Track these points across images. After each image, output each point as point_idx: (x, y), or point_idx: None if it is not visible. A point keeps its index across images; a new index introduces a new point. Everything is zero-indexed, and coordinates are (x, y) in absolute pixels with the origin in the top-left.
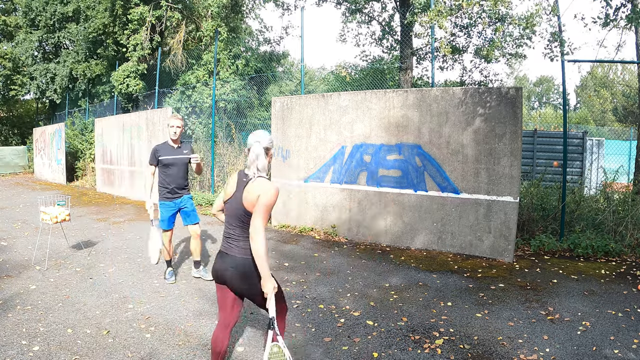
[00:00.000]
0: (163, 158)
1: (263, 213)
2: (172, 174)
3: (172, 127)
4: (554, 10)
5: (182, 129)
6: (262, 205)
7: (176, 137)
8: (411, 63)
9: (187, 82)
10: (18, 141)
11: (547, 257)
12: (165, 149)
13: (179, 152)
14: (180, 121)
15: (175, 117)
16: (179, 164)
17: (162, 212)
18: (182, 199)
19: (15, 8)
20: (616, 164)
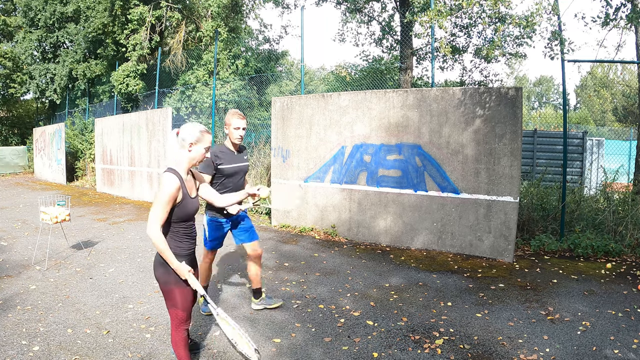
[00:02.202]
0: (225, 167)
1: (154, 205)
2: (233, 186)
3: (236, 129)
4: (554, 9)
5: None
6: (155, 197)
7: (241, 141)
8: (411, 63)
9: (187, 82)
10: (18, 141)
11: (547, 257)
12: (227, 155)
13: (241, 159)
14: (244, 121)
15: (240, 116)
16: (241, 173)
17: (211, 231)
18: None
19: (15, 8)
20: (616, 164)
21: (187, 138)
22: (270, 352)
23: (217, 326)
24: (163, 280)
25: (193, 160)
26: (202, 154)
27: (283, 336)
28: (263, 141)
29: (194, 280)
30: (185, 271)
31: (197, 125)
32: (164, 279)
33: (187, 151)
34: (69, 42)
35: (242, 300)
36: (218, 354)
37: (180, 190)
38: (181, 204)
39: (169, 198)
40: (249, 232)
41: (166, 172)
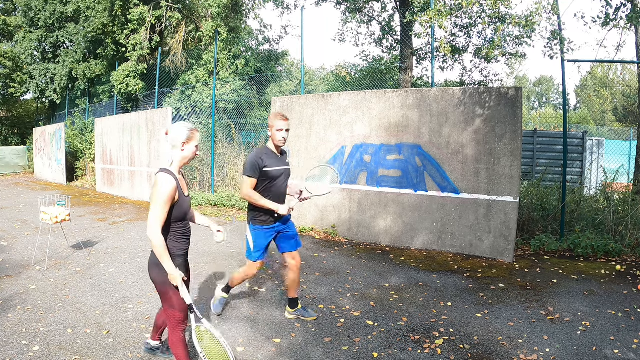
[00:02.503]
0: (271, 169)
1: (152, 206)
2: (277, 190)
3: (279, 131)
4: (554, 8)
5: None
6: (152, 198)
7: (284, 143)
8: (411, 63)
9: (187, 82)
10: (18, 141)
11: (547, 257)
12: (271, 158)
13: (283, 162)
14: (287, 122)
15: (283, 118)
16: (285, 176)
17: (257, 241)
18: (282, 220)
19: (15, 8)
20: (616, 164)
21: (178, 137)
22: (270, 352)
23: (221, 324)
24: (159, 280)
25: (185, 159)
26: (193, 152)
27: (283, 336)
28: (263, 141)
29: (184, 289)
30: (179, 279)
31: (186, 124)
32: (161, 280)
33: (180, 150)
34: (69, 42)
35: (242, 301)
36: None
37: (177, 190)
38: (178, 203)
39: (167, 198)
40: (294, 240)
41: (161, 173)
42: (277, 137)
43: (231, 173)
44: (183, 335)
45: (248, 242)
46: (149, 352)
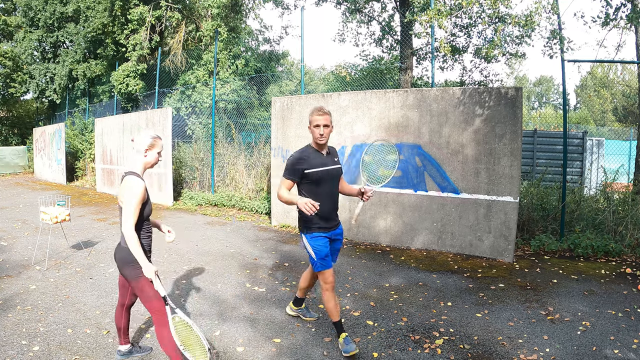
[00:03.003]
0: (311, 171)
1: (127, 207)
2: (324, 192)
3: (316, 127)
4: (553, 8)
5: (331, 129)
6: (125, 199)
7: (324, 141)
8: (411, 63)
9: (187, 82)
10: (18, 141)
11: (547, 257)
12: (312, 158)
13: (330, 161)
14: (327, 117)
15: (319, 112)
16: (332, 177)
17: (317, 247)
18: (338, 228)
19: (15, 8)
20: (616, 164)
21: (142, 144)
22: (270, 352)
23: (221, 324)
24: (132, 275)
25: (148, 164)
26: (155, 158)
27: (283, 336)
28: (263, 141)
29: (158, 282)
30: (152, 271)
31: (150, 132)
32: (133, 274)
33: (142, 156)
34: (69, 42)
35: (241, 301)
36: (218, 354)
37: (146, 192)
38: (147, 204)
39: (140, 199)
40: (334, 254)
41: (132, 176)
42: (315, 135)
43: (231, 173)
44: (169, 330)
45: (310, 254)
46: (123, 357)
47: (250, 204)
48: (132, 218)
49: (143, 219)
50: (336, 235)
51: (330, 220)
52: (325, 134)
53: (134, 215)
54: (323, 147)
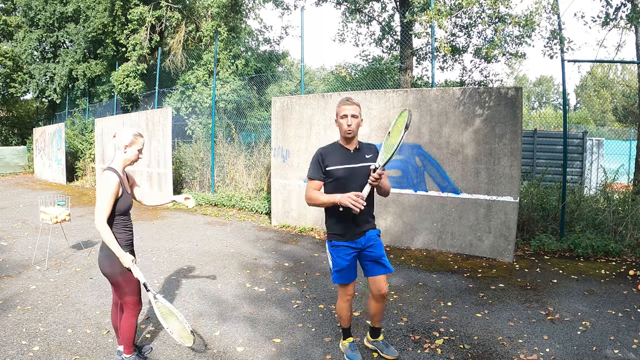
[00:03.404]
0: (333, 168)
1: (99, 200)
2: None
3: (343, 118)
4: (553, 8)
5: (360, 121)
6: (98, 193)
7: (351, 134)
8: (411, 63)
9: (187, 82)
10: (18, 141)
11: (547, 257)
12: (336, 154)
13: (358, 158)
14: (354, 107)
15: (346, 102)
16: (359, 176)
17: (335, 258)
18: (367, 236)
19: (15, 8)
20: (616, 164)
21: (122, 141)
22: (270, 352)
23: (221, 324)
24: (110, 272)
25: (128, 161)
26: (135, 155)
27: (283, 336)
28: (263, 141)
29: (136, 268)
30: (129, 260)
31: (132, 129)
32: (111, 271)
33: (122, 152)
34: (69, 42)
35: (241, 301)
36: (218, 354)
37: (120, 186)
38: (121, 199)
39: (112, 193)
40: (379, 263)
41: (107, 171)
42: (342, 127)
43: (231, 173)
44: (137, 319)
45: (328, 264)
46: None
47: (250, 204)
48: (103, 212)
49: (116, 214)
50: (367, 243)
51: (356, 227)
52: (353, 126)
53: (105, 209)
54: (351, 141)
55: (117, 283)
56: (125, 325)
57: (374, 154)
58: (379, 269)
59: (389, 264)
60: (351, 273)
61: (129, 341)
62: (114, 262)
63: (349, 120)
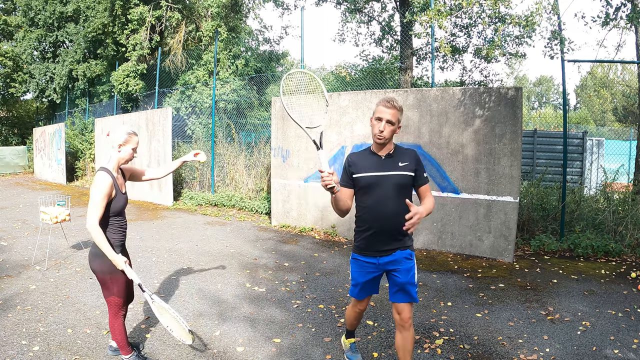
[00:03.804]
0: (359, 176)
1: (92, 201)
2: (376, 205)
3: (377, 122)
4: (554, 8)
5: (397, 129)
6: (90, 194)
7: (382, 140)
8: (411, 63)
9: (187, 82)
10: (18, 141)
11: (547, 257)
12: (364, 160)
13: (389, 166)
14: (394, 112)
15: (389, 104)
16: (391, 186)
17: (353, 273)
18: (394, 256)
19: (15, 7)
20: (616, 164)
21: (116, 140)
22: (270, 352)
23: (221, 324)
24: (99, 270)
25: (122, 160)
26: (130, 153)
27: (283, 336)
28: (263, 141)
29: (129, 269)
30: (121, 262)
31: (127, 128)
32: (100, 269)
33: (116, 152)
34: (68, 42)
35: (241, 301)
36: (218, 354)
37: (113, 187)
38: (115, 199)
39: (104, 194)
40: (402, 289)
41: (100, 171)
42: (373, 130)
43: (231, 173)
44: (123, 320)
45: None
46: (113, 353)
47: (250, 204)
48: (95, 212)
49: (110, 214)
50: (393, 265)
51: (381, 243)
52: (386, 133)
53: (97, 209)
54: (382, 148)
55: (104, 282)
56: (113, 328)
57: (410, 162)
58: (401, 296)
59: (415, 294)
60: (367, 290)
61: (122, 342)
62: (104, 261)
63: (382, 126)
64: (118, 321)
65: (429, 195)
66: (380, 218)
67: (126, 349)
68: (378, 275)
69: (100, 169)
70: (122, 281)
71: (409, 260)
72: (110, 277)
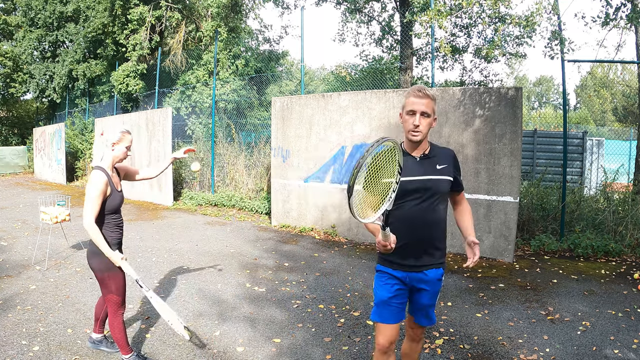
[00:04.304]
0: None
1: (87, 200)
2: (410, 214)
3: (410, 115)
4: (554, 9)
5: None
6: (86, 193)
7: (418, 137)
8: (411, 63)
9: (187, 82)
10: (18, 141)
11: (547, 257)
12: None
13: (426, 169)
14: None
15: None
16: (427, 193)
17: (377, 289)
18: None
19: (15, 7)
20: (616, 164)
21: (109, 139)
22: (270, 352)
23: (221, 324)
24: (98, 268)
25: (117, 158)
26: (124, 152)
27: (283, 336)
28: (263, 141)
29: (127, 265)
30: (119, 259)
31: (120, 127)
32: (99, 268)
33: (110, 150)
34: (68, 42)
35: (241, 301)
36: (218, 354)
37: (108, 186)
38: (111, 197)
39: (99, 192)
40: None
41: (95, 170)
42: (406, 126)
43: (231, 173)
44: (122, 319)
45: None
46: (93, 345)
47: (250, 204)
48: (91, 211)
49: (106, 212)
50: (421, 283)
51: (411, 257)
52: (422, 127)
53: (93, 208)
54: (417, 146)
55: (102, 280)
56: (112, 326)
57: (449, 165)
58: (421, 318)
59: (434, 316)
60: (395, 311)
61: (122, 342)
62: (102, 259)
63: (417, 119)
64: (117, 319)
65: (465, 203)
66: (415, 230)
67: (126, 349)
68: (404, 292)
69: (96, 168)
70: (120, 279)
71: (439, 282)
72: (108, 275)
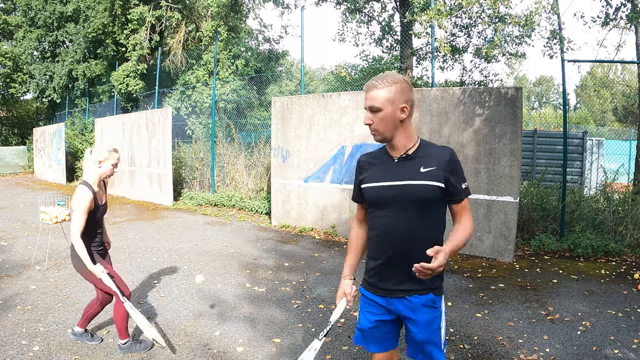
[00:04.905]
0: (366, 187)
1: (75, 214)
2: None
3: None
4: (553, 8)
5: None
6: (74, 207)
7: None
8: (411, 63)
9: (187, 82)
10: (18, 141)
11: (547, 257)
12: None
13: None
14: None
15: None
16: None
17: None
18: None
19: (15, 7)
20: (616, 164)
21: (97, 156)
22: (270, 352)
23: (221, 324)
24: (79, 268)
25: (103, 175)
26: (110, 169)
27: (283, 336)
28: (263, 141)
29: (107, 278)
30: (99, 272)
31: (108, 146)
32: (80, 267)
33: (97, 167)
34: (68, 42)
35: (241, 301)
36: (218, 354)
37: (93, 202)
38: (97, 211)
39: (85, 208)
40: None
41: (81, 185)
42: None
43: (231, 173)
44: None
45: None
46: (74, 337)
47: (250, 204)
48: (78, 226)
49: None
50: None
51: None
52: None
53: (79, 222)
54: (394, 148)
55: (88, 277)
56: (115, 311)
57: (438, 166)
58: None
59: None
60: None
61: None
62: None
63: (367, 118)
64: (121, 306)
65: (466, 216)
66: (393, 246)
67: (124, 334)
68: (390, 320)
69: (82, 183)
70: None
71: (430, 310)
72: (89, 276)
